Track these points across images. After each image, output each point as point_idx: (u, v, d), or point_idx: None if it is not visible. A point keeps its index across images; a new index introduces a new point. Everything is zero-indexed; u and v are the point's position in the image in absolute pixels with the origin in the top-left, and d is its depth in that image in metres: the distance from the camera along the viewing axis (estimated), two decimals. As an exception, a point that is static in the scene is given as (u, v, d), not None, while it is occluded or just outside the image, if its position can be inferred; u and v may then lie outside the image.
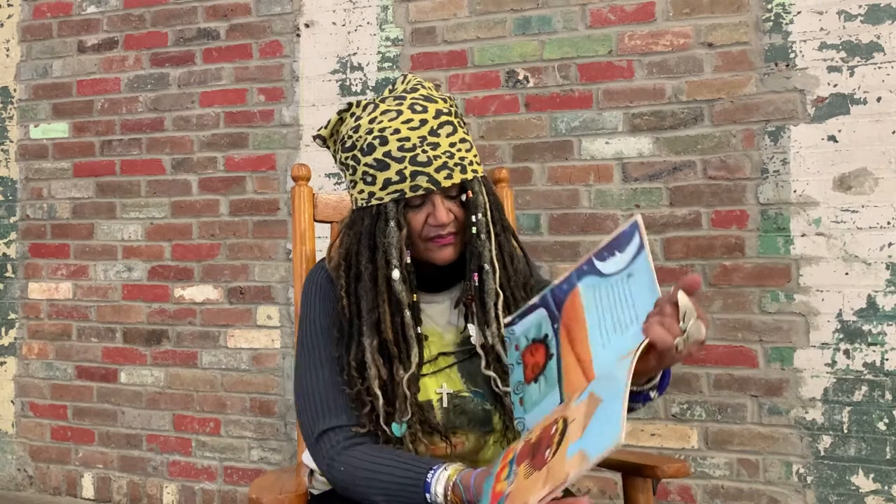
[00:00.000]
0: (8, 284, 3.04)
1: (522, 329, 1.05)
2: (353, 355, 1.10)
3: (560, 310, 0.99)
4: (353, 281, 1.13)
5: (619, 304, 0.92)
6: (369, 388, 1.08)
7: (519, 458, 0.90)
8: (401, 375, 1.09)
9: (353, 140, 1.14)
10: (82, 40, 2.97)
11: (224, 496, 2.70)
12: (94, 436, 2.89)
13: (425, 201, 1.12)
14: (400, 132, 1.10)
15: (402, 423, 1.08)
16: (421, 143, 1.10)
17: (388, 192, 1.10)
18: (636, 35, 2.30)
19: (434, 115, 1.12)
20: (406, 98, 1.14)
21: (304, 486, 1.20)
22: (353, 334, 1.11)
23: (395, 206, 1.10)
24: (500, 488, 0.89)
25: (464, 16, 2.48)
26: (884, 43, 2.08)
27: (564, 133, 2.37)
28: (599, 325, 0.94)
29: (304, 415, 1.13)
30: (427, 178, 1.09)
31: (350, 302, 1.12)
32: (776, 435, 2.14)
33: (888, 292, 2.06)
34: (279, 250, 2.68)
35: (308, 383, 1.13)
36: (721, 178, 2.22)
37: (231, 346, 2.72)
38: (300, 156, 2.66)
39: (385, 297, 1.10)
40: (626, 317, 0.91)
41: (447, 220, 1.11)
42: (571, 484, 0.84)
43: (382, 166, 1.10)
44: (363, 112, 1.15)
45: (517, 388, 1.03)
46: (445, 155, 1.10)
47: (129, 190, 2.88)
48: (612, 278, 0.94)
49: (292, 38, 2.69)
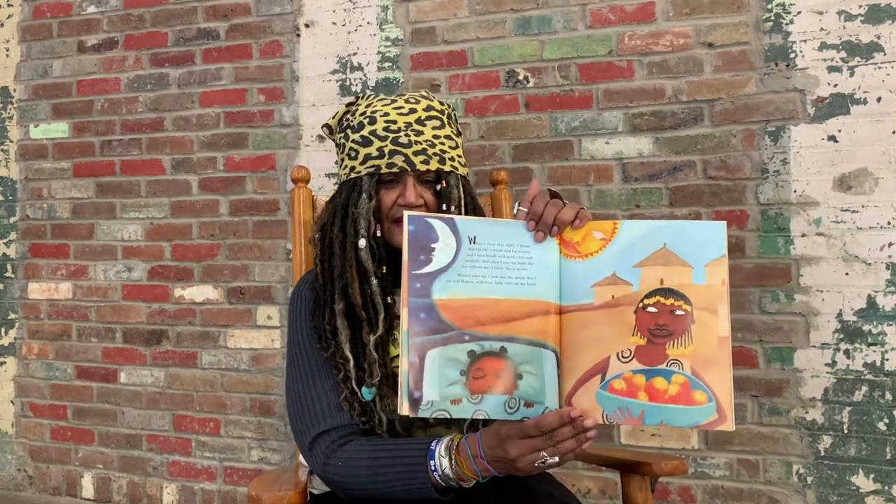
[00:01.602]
0: (8, 284, 3.04)
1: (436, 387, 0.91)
2: (326, 320, 1.14)
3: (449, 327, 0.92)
4: (326, 249, 1.18)
5: (499, 260, 0.93)
6: (341, 351, 1.11)
7: (644, 355, 0.90)
8: (368, 339, 1.12)
9: (348, 121, 1.23)
10: (82, 40, 2.97)
11: (224, 496, 2.70)
12: (94, 436, 2.89)
13: (400, 181, 1.17)
14: (389, 115, 1.18)
15: (373, 388, 1.10)
16: (406, 128, 1.16)
17: (365, 167, 1.17)
18: (636, 35, 2.30)
19: (425, 108, 1.20)
20: (404, 94, 1.25)
21: (304, 485, 1.20)
22: (327, 300, 1.15)
23: (369, 179, 1.16)
24: (674, 383, 0.88)
25: (464, 16, 2.48)
26: (884, 43, 2.08)
27: (564, 133, 2.37)
28: (508, 283, 0.93)
29: (296, 422, 1.14)
30: (404, 157, 1.15)
31: (324, 269, 1.17)
32: (776, 435, 2.14)
33: (888, 292, 2.06)
34: (279, 250, 2.68)
35: (298, 391, 1.15)
36: (721, 178, 2.22)
37: (231, 346, 2.72)
38: (300, 156, 2.66)
39: (352, 264, 1.15)
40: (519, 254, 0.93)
41: (415, 202, 1.15)
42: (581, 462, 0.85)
43: (366, 142, 1.17)
44: (364, 101, 1.25)
45: (509, 406, 0.93)
46: (426, 143, 1.16)
47: (129, 190, 2.88)
48: (456, 262, 0.93)
49: (292, 38, 2.69)
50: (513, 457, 0.92)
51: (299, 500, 1.13)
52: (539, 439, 0.90)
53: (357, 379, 1.10)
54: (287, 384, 1.18)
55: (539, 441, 0.90)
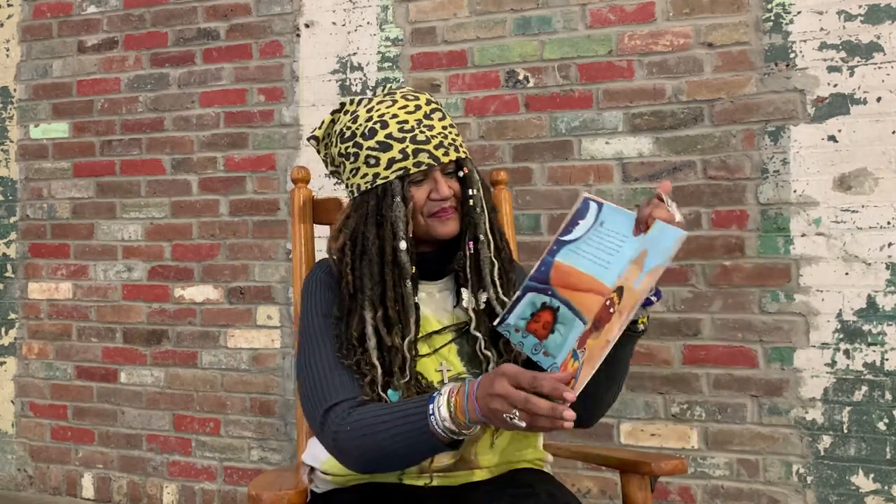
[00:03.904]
0: (8, 284, 3.04)
1: (516, 316, 1.12)
2: (353, 328, 1.15)
3: (547, 282, 1.09)
4: (358, 257, 1.19)
5: (603, 243, 1.06)
6: (368, 359, 1.13)
7: (581, 341, 0.99)
8: (399, 343, 1.14)
9: (352, 130, 1.22)
10: (82, 40, 2.97)
11: (224, 496, 2.70)
12: (94, 436, 2.89)
13: (426, 178, 1.19)
14: (398, 116, 1.19)
15: (399, 389, 1.12)
16: (418, 125, 1.18)
17: (392, 171, 1.18)
18: (636, 35, 2.30)
19: (425, 102, 1.22)
20: (395, 93, 1.24)
21: (304, 484, 1.21)
22: (356, 308, 1.17)
23: (399, 182, 1.18)
24: (573, 366, 0.98)
25: (464, 16, 2.49)
26: (884, 43, 2.08)
27: (564, 133, 2.37)
28: (593, 262, 1.05)
29: (309, 396, 1.15)
30: (428, 154, 1.17)
31: (354, 277, 1.18)
32: (776, 435, 2.14)
33: (888, 292, 2.06)
34: (279, 250, 2.68)
35: (311, 366, 1.16)
36: (721, 178, 2.22)
37: (231, 346, 2.72)
38: (300, 156, 2.66)
39: (391, 268, 1.17)
40: (615, 242, 1.04)
41: (449, 193, 1.19)
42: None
43: (385, 147, 1.18)
44: (358, 106, 1.25)
45: (535, 349, 1.08)
46: (440, 136, 1.19)
47: (129, 190, 2.88)
48: (585, 237, 1.09)
49: (292, 38, 2.69)
50: (496, 392, 0.96)
51: (299, 500, 1.13)
52: (523, 395, 0.94)
53: (383, 384, 1.13)
54: (298, 361, 1.20)
55: (521, 396, 0.94)
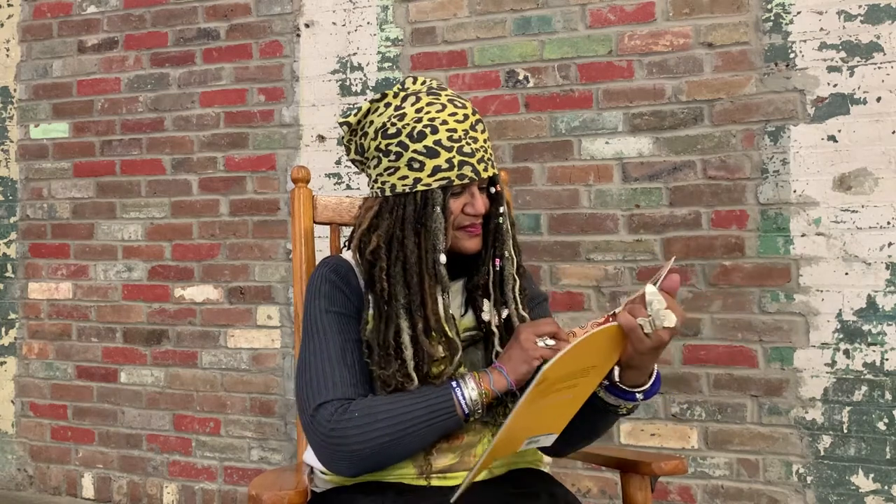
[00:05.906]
0: (8, 284, 3.04)
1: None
2: (390, 336, 1.14)
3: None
4: (393, 264, 1.16)
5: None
6: (405, 370, 1.12)
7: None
8: (440, 354, 1.14)
9: (397, 127, 1.18)
10: (82, 40, 2.97)
11: (224, 496, 2.70)
12: (94, 436, 2.89)
13: (464, 190, 1.18)
14: (448, 123, 1.16)
15: None
16: (465, 136, 1.16)
17: (436, 179, 1.15)
18: (636, 35, 2.30)
19: (472, 112, 1.20)
20: (440, 94, 1.20)
21: (305, 484, 1.20)
22: (391, 316, 1.15)
23: (441, 192, 1.15)
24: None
25: (464, 16, 2.49)
26: (884, 43, 2.08)
27: (564, 133, 2.37)
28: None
29: (304, 388, 1.13)
30: (471, 168, 1.16)
31: (391, 283, 1.16)
32: (776, 435, 2.14)
33: (888, 292, 2.06)
34: (279, 250, 2.68)
35: (312, 360, 1.15)
36: (721, 178, 2.22)
37: (231, 346, 2.72)
38: (300, 156, 2.66)
39: (432, 280, 1.15)
40: None
41: (485, 210, 1.19)
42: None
43: (433, 154, 1.15)
44: (404, 102, 1.19)
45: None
46: (482, 150, 1.18)
47: (129, 190, 2.88)
48: None
49: (292, 38, 2.69)
50: (515, 344, 1.08)
51: (299, 500, 1.13)
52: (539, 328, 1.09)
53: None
54: (300, 356, 1.19)
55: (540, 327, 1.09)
